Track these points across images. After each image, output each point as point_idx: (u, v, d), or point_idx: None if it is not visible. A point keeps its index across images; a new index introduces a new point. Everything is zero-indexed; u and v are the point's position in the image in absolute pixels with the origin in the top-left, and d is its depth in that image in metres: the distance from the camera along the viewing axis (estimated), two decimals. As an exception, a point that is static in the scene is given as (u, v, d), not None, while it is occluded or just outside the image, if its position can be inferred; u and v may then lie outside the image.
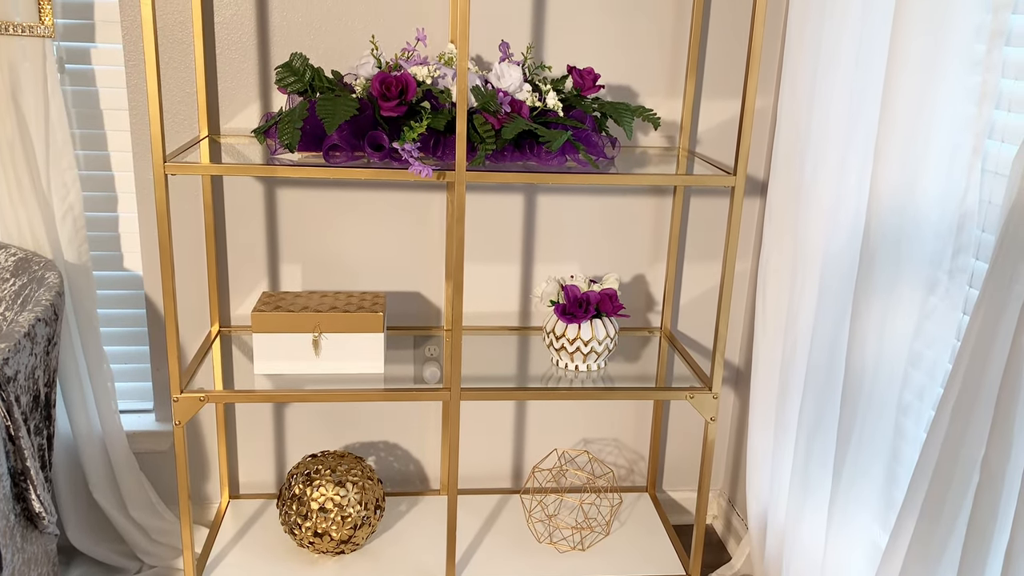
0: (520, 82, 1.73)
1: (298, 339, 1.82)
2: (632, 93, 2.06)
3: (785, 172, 1.75)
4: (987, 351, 1.15)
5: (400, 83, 1.60)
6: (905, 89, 1.42)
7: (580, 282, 1.94)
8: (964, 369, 1.19)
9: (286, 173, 1.61)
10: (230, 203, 2.03)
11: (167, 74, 1.94)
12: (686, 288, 2.23)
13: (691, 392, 1.83)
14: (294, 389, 1.78)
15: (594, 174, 1.67)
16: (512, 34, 1.99)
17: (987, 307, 1.15)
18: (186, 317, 2.09)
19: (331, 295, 1.92)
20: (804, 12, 1.65)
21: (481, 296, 2.17)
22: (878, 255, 1.50)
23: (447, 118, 1.62)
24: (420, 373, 1.94)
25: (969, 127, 1.36)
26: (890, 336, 1.49)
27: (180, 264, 2.05)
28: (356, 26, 1.95)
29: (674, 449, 2.36)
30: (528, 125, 1.62)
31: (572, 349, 1.90)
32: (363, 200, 2.06)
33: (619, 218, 2.14)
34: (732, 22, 2.03)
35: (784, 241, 1.77)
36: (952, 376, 1.22)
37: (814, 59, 1.63)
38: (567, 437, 2.31)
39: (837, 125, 1.57)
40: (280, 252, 2.08)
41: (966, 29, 1.33)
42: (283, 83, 1.66)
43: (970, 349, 1.17)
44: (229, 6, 1.91)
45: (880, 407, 1.54)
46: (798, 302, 1.72)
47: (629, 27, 2.01)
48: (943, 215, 1.40)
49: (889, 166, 1.46)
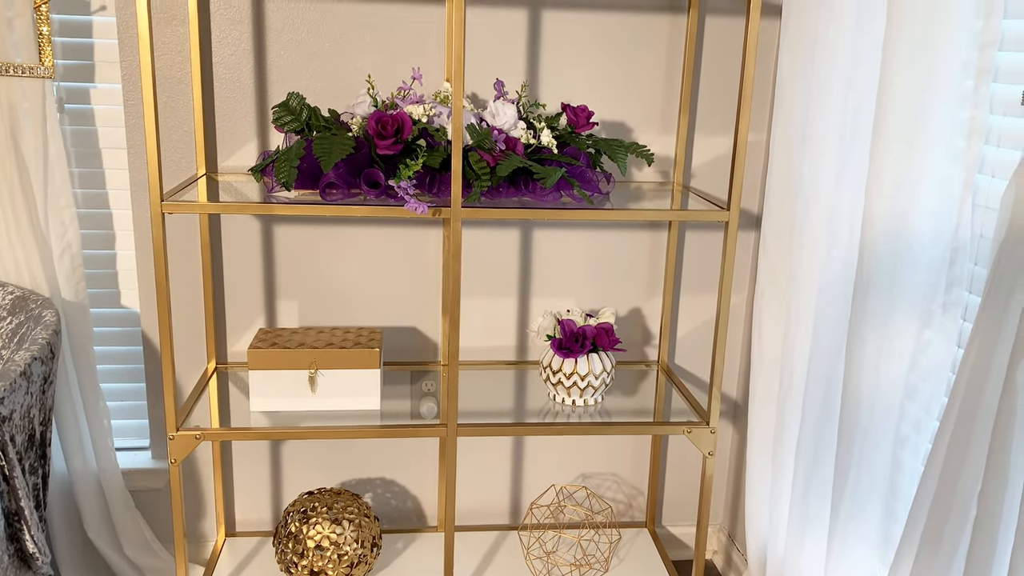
0: (515, 120, 1.75)
1: (294, 376, 1.82)
2: (626, 129, 2.08)
3: (778, 206, 1.77)
4: (982, 384, 1.15)
5: (396, 122, 1.62)
6: (896, 124, 1.44)
7: (576, 316, 1.95)
8: (959, 403, 1.19)
9: (283, 211, 1.62)
10: (227, 240, 2.04)
11: (165, 112, 1.95)
12: (682, 321, 2.23)
13: (688, 427, 1.83)
14: (290, 427, 1.77)
15: (589, 210, 1.69)
16: (507, 72, 2.01)
17: (981, 340, 1.15)
18: (183, 354, 2.09)
19: (328, 331, 1.93)
20: (795, 48, 1.68)
21: (478, 330, 2.18)
22: (872, 289, 1.51)
23: (443, 156, 1.64)
24: (417, 409, 1.94)
25: (959, 161, 1.38)
26: (886, 369, 1.49)
27: (177, 301, 2.06)
28: (353, 65, 1.98)
29: (673, 484, 2.35)
30: (523, 162, 1.63)
31: (569, 384, 1.90)
32: (359, 236, 2.07)
33: (615, 252, 2.15)
34: (724, 58, 2.06)
35: (779, 274, 1.78)
36: (948, 409, 1.22)
37: (805, 95, 1.66)
38: (565, 472, 2.31)
39: (829, 160, 1.59)
40: (277, 288, 2.09)
41: (954, 65, 1.35)
42: (280, 122, 1.68)
43: (964, 382, 1.17)
44: (227, 45, 1.94)
45: (877, 440, 1.54)
46: (794, 335, 1.72)
47: (622, 64, 2.04)
48: (936, 249, 1.41)
49: (881, 200, 1.48)
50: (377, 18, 1.96)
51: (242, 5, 1.93)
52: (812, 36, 1.60)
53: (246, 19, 1.93)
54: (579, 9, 2.00)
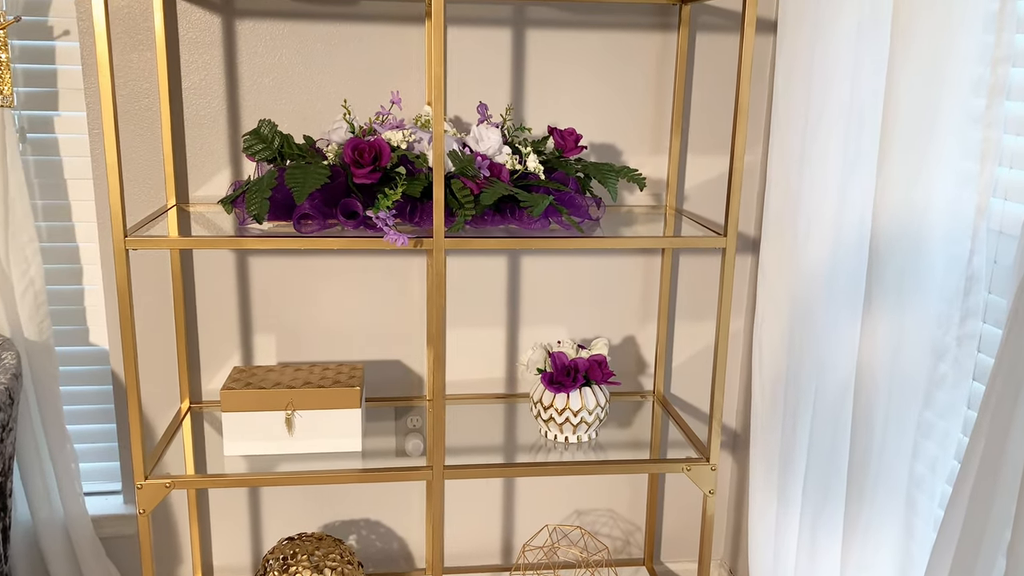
0: (499, 145, 1.66)
1: (270, 417, 1.72)
2: (616, 151, 2.00)
3: (778, 231, 1.68)
4: (1007, 426, 1.06)
5: (373, 149, 1.53)
6: (902, 145, 1.36)
7: (568, 348, 1.85)
8: (983, 444, 1.10)
9: (254, 245, 1.53)
10: (200, 272, 1.95)
11: (133, 141, 1.86)
12: (678, 349, 2.14)
13: (688, 464, 1.74)
14: (265, 473, 1.67)
15: (578, 238, 1.60)
16: (492, 94, 1.93)
17: (1005, 378, 1.06)
18: (155, 393, 1.99)
19: (305, 368, 1.83)
20: (791, 65, 1.60)
21: (465, 362, 2.08)
22: (881, 319, 1.42)
23: (423, 184, 1.55)
24: (403, 446, 1.84)
25: (971, 184, 1.29)
26: (897, 405, 1.40)
27: (147, 337, 1.96)
28: (329, 89, 1.89)
29: (672, 519, 2.25)
30: (508, 190, 1.54)
31: (561, 420, 1.80)
32: (339, 266, 1.98)
33: (607, 279, 2.06)
34: (716, 75, 1.98)
35: (779, 302, 1.69)
36: (969, 454, 1.13)
37: (803, 115, 1.57)
38: (559, 509, 2.20)
39: (831, 183, 1.50)
40: (253, 322, 1.99)
41: (964, 82, 1.27)
42: (251, 151, 1.59)
43: (986, 427, 1.08)
44: (197, 71, 1.85)
45: (890, 479, 1.45)
46: (797, 366, 1.63)
47: (611, 84, 1.96)
48: (949, 278, 1.32)
49: (888, 226, 1.39)
50: (355, 39, 1.87)
51: (212, 28, 1.84)
52: (809, 52, 1.51)
53: (216, 43, 1.85)
54: (566, 27, 1.91)
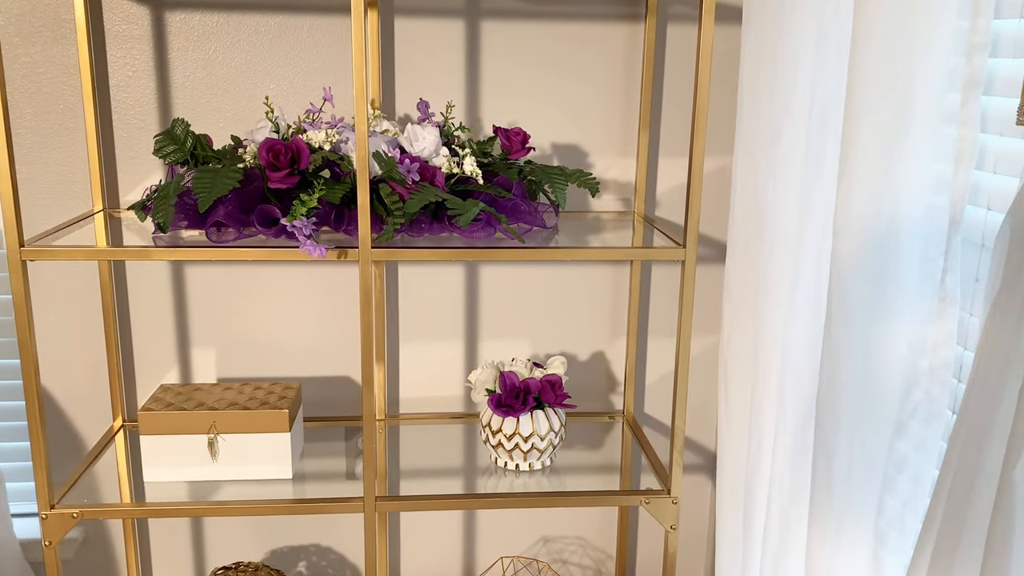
0: (436, 145, 1.52)
1: (192, 441, 1.59)
2: (581, 152, 1.85)
3: (743, 243, 1.52)
4: (970, 485, 0.90)
5: (290, 150, 1.39)
6: (866, 146, 1.19)
7: (520, 367, 1.70)
8: (943, 507, 0.94)
9: (161, 257, 1.40)
10: (133, 283, 1.82)
11: (57, 142, 1.74)
12: (651, 366, 1.98)
13: (647, 496, 1.58)
14: (181, 502, 1.54)
15: (522, 248, 1.44)
16: (445, 92, 1.78)
17: (968, 429, 0.90)
18: (86, 410, 1.87)
19: (235, 387, 1.69)
20: (756, 58, 1.43)
21: (419, 379, 1.94)
22: (844, 347, 1.26)
23: (345, 189, 1.41)
24: (352, 469, 1.72)
25: (945, 191, 1.13)
26: (861, 442, 1.24)
27: (78, 351, 1.83)
28: (267, 85, 1.75)
29: (646, 546, 2.10)
30: (437, 196, 1.40)
31: (510, 446, 1.65)
32: (281, 275, 1.84)
33: (573, 289, 1.91)
34: (687, 71, 1.82)
35: (744, 322, 1.53)
36: (929, 514, 0.97)
37: (768, 113, 1.41)
38: (524, 537, 2.05)
39: (793, 190, 1.34)
40: (191, 335, 1.86)
41: (936, 74, 1.10)
42: (161, 153, 1.46)
43: (949, 482, 0.92)
44: (125, 66, 1.72)
45: (857, 512, 1.29)
46: (762, 394, 1.47)
47: (574, 80, 1.80)
48: (920, 300, 1.16)
49: (850, 240, 1.22)
50: (296, 32, 1.74)
51: (140, 20, 1.71)
52: (773, 42, 1.35)
53: (145, 36, 1.72)
54: (523, 18, 1.77)
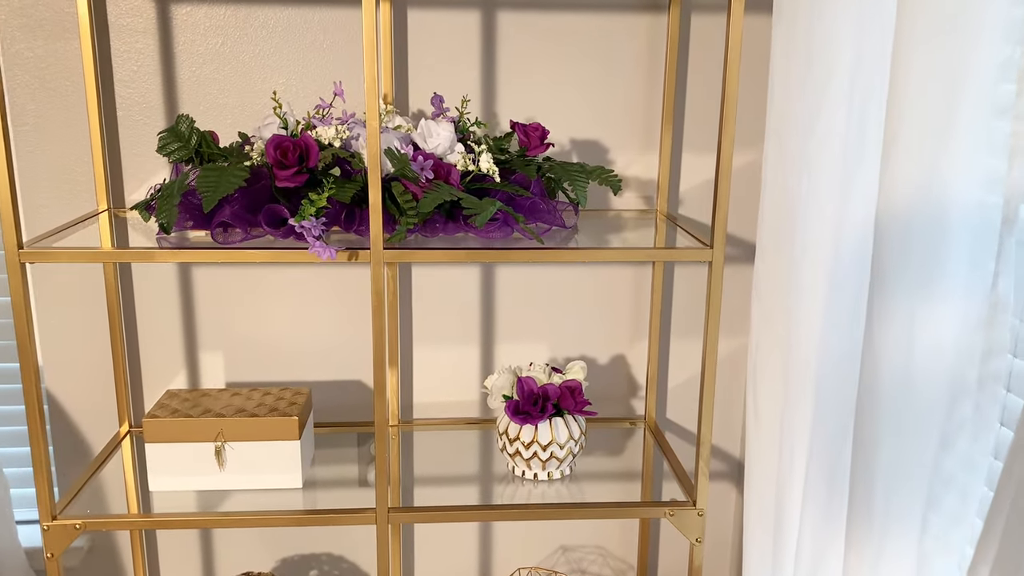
0: (451, 141, 1.45)
1: (199, 449, 1.53)
2: (602, 148, 1.78)
3: (774, 241, 1.44)
4: None
5: (298, 147, 1.33)
6: (911, 141, 1.11)
7: (539, 372, 1.64)
8: (1003, 524, 0.87)
9: (164, 259, 1.34)
10: (140, 285, 1.77)
11: (62, 140, 1.68)
12: (674, 370, 1.91)
13: (672, 508, 1.51)
14: (190, 514, 1.48)
15: (540, 249, 1.38)
16: (459, 86, 1.71)
17: None
18: (92, 416, 1.81)
19: (244, 392, 1.64)
20: (788, 49, 1.35)
21: (435, 383, 1.88)
22: (884, 353, 1.18)
23: (356, 188, 1.34)
24: (364, 476, 1.66)
25: (997, 189, 1.05)
26: (903, 457, 1.16)
27: (83, 354, 1.78)
28: (275, 80, 1.69)
29: (668, 557, 2.03)
30: (452, 194, 1.33)
31: (528, 455, 1.59)
32: (290, 277, 1.78)
33: (593, 290, 1.84)
34: (713, 63, 1.74)
35: (776, 324, 1.45)
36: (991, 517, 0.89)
37: (802, 106, 1.32)
38: (542, 545, 1.99)
39: (830, 186, 1.26)
40: (199, 339, 1.81)
41: (988, 64, 1.03)
42: (165, 151, 1.40)
43: (1008, 505, 0.85)
44: (130, 61, 1.67)
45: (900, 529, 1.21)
46: (795, 402, 1.40)
47: (595, 74, 1.73)
48: (970, 304, 1.08)
49: (893, 238, 1.15)
50: (306, 25, 1.67)
51: (146, 14, 1.66)
52: (808, 27, 1.27)
53: (151, 30, 1.66)
54: (540, 9, 1.70)
